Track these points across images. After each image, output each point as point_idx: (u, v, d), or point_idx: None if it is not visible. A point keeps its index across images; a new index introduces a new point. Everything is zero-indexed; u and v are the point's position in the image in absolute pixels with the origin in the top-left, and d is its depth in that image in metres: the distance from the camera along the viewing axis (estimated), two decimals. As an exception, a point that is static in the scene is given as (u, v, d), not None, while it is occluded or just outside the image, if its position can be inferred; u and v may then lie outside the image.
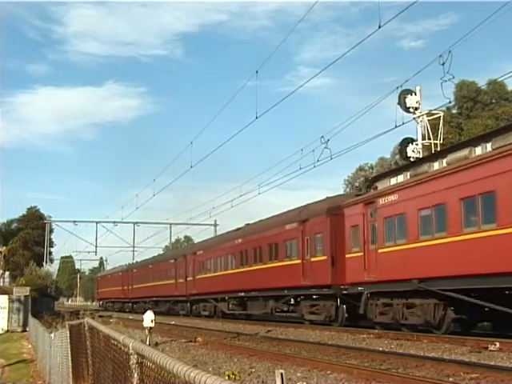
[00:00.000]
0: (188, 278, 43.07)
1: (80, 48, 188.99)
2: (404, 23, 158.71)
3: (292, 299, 28.63)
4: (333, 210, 24.66)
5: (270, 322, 30.64)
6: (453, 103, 43.34)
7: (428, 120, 29.17)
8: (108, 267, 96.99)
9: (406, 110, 28.12)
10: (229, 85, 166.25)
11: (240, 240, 34.79)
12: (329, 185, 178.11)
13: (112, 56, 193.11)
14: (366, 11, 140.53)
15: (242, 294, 33.52)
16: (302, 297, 27.23)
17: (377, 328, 21.50)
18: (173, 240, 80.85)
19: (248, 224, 37.30)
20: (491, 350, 14.79)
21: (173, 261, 47.71)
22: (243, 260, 33.79)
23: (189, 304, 43.96)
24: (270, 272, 29.68)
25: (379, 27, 17.97)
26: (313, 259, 25.70)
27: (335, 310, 24.45)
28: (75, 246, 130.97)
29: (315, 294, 25.91)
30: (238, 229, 37.59)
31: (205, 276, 40.05)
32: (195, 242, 67.85)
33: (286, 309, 30.71)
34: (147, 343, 17.29)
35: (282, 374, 4.35)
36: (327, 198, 27.71)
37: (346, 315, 24.56)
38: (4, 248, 64.88)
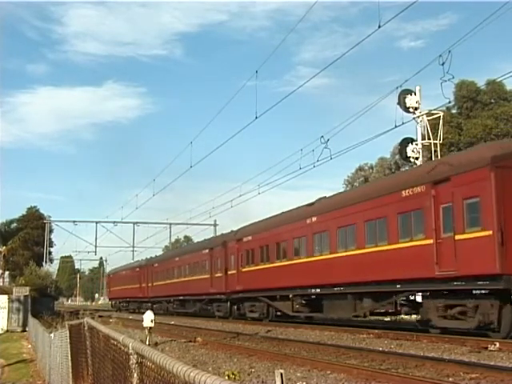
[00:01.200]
0: (229, 272, 34.88)
1: (79, 48, 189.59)
2: (403, 23, 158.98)
3: (411, 296, 21.20)
4: (501, 159, 16.79)
5: (269, 321, 30.41)
6: (452, 103, 43.37)
7: (428, 120, 29.21)
8: (108, 267, 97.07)
9: (406, 109, 28.18)
10: (229, 85, 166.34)
11: (314, 218, 25.74)
12: (329, 185, 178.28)
13: (111, 56, 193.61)
14: (365, 11, 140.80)
15: (318, 290, 25.27)
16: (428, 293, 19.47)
17: None
18: (173, 240, 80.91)
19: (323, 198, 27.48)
20: (491, 350, 14.78)
21: (207, 251, 38.97)
22: (322, 245, 25.00)
23: (229, 303, 35.70)
24: (373, 259, 21.21)
25: (379, 27, 17.98)
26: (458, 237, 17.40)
27: (498, 314, 16.63)
28: (75, 245, 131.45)
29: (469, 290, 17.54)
30: (311, 204, 27.48)
31: (255, 268, 31.42)
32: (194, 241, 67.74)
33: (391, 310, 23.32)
34: (147, 343, 17.29)
35: (281, 374, 4.35)
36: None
37: None
38: (4, 248, 64.86)
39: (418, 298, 20.68)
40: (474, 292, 17.33)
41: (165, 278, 47.64)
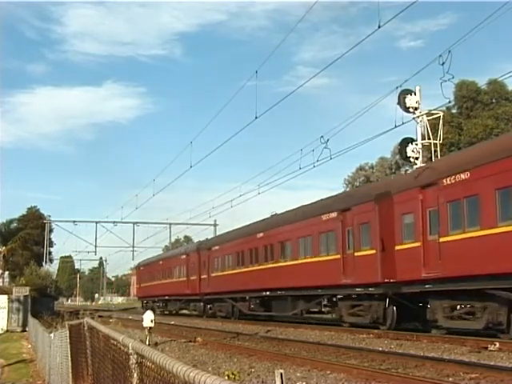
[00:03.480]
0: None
1: (79, 48, 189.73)
2: (403, 23, 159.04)
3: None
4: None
5: (269, 321, 30.56)
6: (453, 103, 43.36)
7: (428, 120, 29.17)
8: (108, 267, 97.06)
9: (406, 109, 28.12)
10: (228, 85, 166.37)
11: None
12: (329, 184, 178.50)
13: (111, 56, 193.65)
14: (364, 11, 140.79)
15: (268, 293, 30.35)
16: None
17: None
18: (172, 240, 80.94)
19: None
20: (491, 350, 14.78)
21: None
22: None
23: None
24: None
25: (379, 27, 17.96)
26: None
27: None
28: (75, 245, 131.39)
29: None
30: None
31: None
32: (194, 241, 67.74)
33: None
34: (147, 343, 17.28)
35: (281, 374, 4.34)
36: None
37: None
38: (4, 248, 64.86)
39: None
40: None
41: (232, 266, 35.90)
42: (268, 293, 30.21)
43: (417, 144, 28.91)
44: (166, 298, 49.43)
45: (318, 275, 24.90)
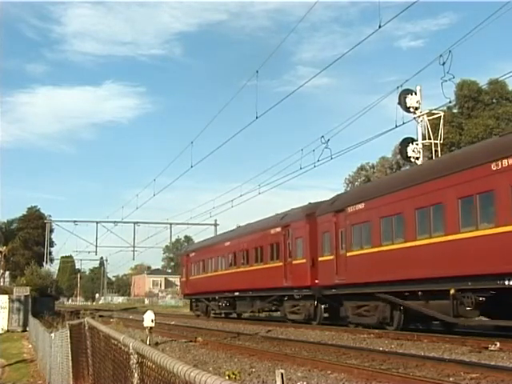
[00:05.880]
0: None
1: (78, 47, 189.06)
2: (403, 23, 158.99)
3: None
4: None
5: (270, 321, 30.64)
6: (453, 103, 43.31)
7: (428, 120, 29.17)
8: (108, 267, 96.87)
9: (407, 109, 28.13)
10: (229, 85, 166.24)
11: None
12: (329, 184, 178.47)
13: (110, 56, 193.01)
14: (364, 11, 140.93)
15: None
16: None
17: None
18: (173, 240, 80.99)
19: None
20: (491, 350, 14.78)
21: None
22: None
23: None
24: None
25: (379, 27, 17.96)
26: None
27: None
28: (75, 245, 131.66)
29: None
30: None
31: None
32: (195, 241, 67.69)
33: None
34: (147, 343, 17.29)
35: (282, 374, 4.34)
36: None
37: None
38: (4, 248, 64.89)
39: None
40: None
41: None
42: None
43: (417, 144, 28.92)
44: (236, 294, 34.01)
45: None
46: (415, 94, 28.34)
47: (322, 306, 26.19)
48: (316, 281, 25.40)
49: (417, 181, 19.27)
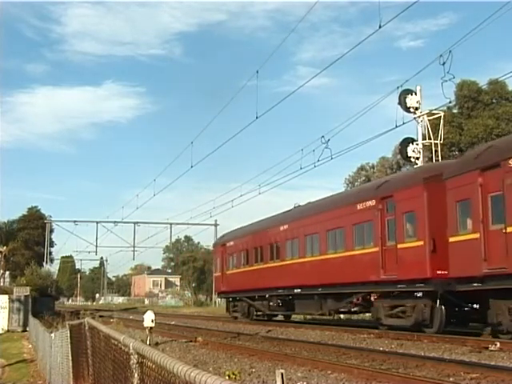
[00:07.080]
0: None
1: (78, 47, 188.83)
2: (403, 23, 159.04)
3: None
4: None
5: (270, 321, 30.51)
6: (453, 103, 43.31)
7: (428, 120, 29.20)
8: (108, 267, 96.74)
9: (407, 109, 28.16)
10: (229, 85, 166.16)
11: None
12: (329, 184, 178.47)
13: (110, 55, 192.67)
14: (364, 11, 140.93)
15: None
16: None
17: None
18: (173, 240, 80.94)
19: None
20: (492, 350, 14.78)
21: None
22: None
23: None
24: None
25: (379, 27, 17.95)
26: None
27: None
28: (75, 245, 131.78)
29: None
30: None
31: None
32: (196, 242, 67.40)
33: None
34: (147, 343, 17.29)
35: (282, 374, 4.35)
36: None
37: None
38: (4, 248, 64.87)
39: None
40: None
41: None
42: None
43: (417, 144, 28.93)
44: (297, 291, 27.48)
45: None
46: (415, 94, 28.37)
47: (443, 307, 18.83)
48: (438, 271, 18.58)
49: None
